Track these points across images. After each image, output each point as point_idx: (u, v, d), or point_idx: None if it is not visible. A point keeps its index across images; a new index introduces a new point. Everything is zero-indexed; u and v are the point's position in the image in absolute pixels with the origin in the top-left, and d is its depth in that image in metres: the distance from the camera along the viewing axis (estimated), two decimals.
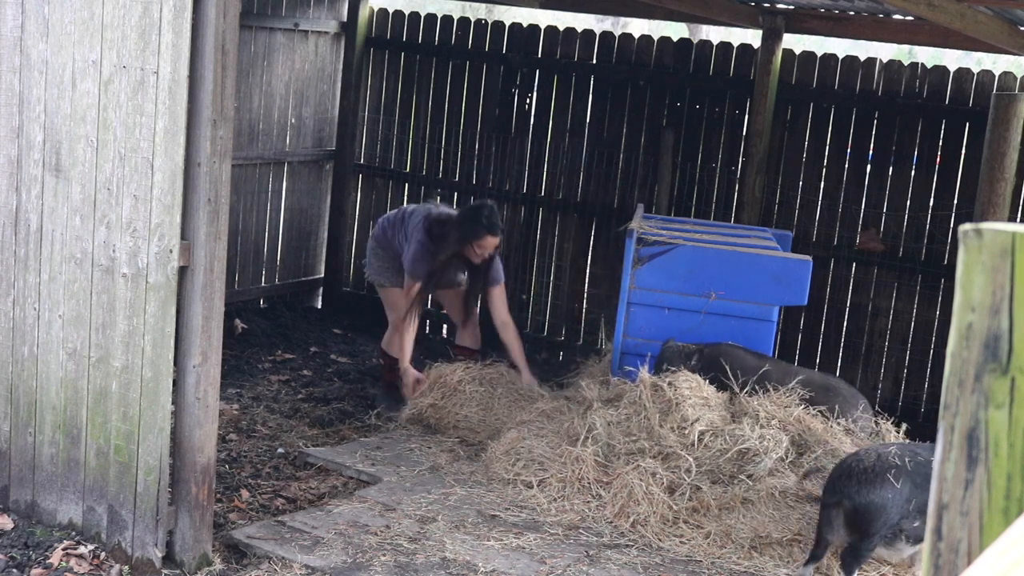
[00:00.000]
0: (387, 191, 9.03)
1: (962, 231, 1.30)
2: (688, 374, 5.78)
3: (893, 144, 7.38)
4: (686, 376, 5.73)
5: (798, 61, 7.60)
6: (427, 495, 5.54)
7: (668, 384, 5.66)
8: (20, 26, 4.71)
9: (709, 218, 7.71)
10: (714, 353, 5.96)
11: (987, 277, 1.28)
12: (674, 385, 5.65)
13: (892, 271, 7.41)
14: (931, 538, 1.34)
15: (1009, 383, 1.28)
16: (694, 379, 5.75)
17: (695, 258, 6.16)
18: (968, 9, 5.60)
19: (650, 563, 4.98)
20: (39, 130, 4.71)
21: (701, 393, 5.66)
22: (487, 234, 6.54)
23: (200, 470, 4.60)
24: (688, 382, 5.69)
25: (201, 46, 4.32)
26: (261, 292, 8.75)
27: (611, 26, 19.20)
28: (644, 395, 5.66)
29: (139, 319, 4.50)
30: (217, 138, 4.37)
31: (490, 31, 8.58)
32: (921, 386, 7.40)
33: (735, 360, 5.93)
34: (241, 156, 7.99)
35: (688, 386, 5.66)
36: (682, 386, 5.64)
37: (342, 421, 6.68)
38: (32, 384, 4.86)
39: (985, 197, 5.61)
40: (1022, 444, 1.29)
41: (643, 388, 5.70)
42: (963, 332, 1.30)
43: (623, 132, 8.13)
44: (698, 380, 5.76)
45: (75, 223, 4.64)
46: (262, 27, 8.32)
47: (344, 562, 4.76)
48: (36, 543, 4.72)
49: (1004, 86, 7.03)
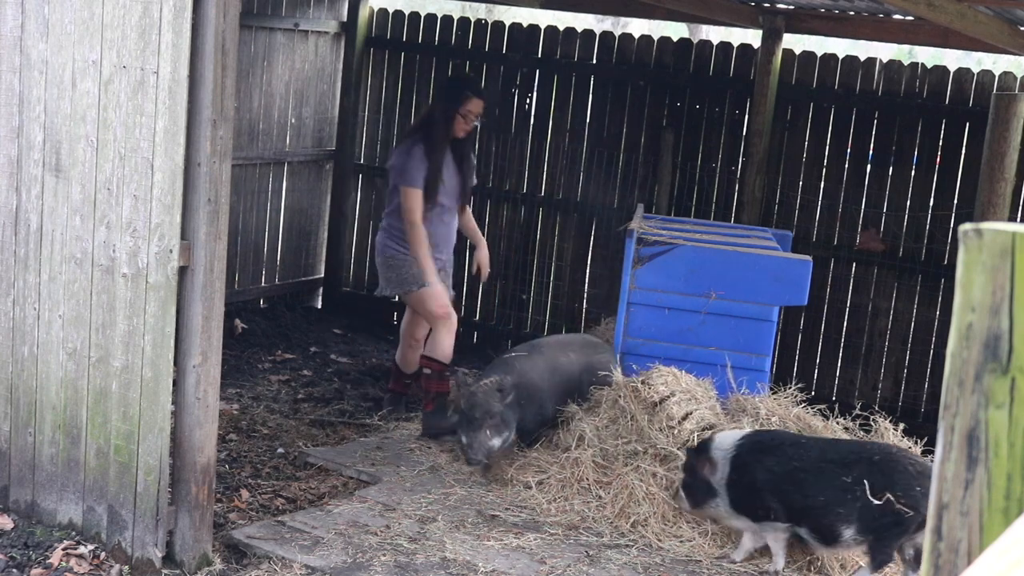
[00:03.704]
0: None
1: (962, 231, 1.30)
2: (663, 368, 5.73)
3: (893, 144, 7.38)
4: (660, 372, 5.70)
5: (798, 61, 7.60)
6: (427, 495, 5.54)
7: (642, 383, 5.63)
8: (20, 26, 4.71)
9: (709, 218, 7.71)
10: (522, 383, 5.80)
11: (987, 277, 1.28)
12: (648, 383, 5.62)
13: (892, 271, 7.41)
14: (931, 538, 1.34)
15: (1009, 383, 1.28)
16: (670, 372, 5.70)
17: (695, 258, 6.16)
18: (968, 9, 5.60)
19: (650, 563, 4.98)
20: (39, 130, 4.71)
21: (680, 386, 5.63)
22: (473, 96, 6.21)
23: (200, 470, 4.60)
24: (663, 377, 5.65)
25: (201, 46, 4.32)
26: (261, 292, 8.75)
27: (611, 26, 19.19)
28: (625, 398, 5.62)
29: (139, 319, 4.50)
30: (217, 138, 4.37)
31: (490, 31, 8.58)
32: (921, 386, 7.40)
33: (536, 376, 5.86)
34: (241, 156, 7.99)
35: (663, 382, 5.61)
36: (657, 383, 5.60)
37: (342, 421, 6.68)
38: (32, 384, 4.86)
39: (985, 197, 5.61)
40: (1022, 444, 1.29)
41: (622, 391, 5.66)
42: (963, 332, 1.30)
43: (623, 132, 8.13)
44: (675, 373, 5.70)
45: (75, 223, 4.64)
46: (262, 27, 8.32)
47: (344, 562, 4.76)
48: (36, 543, 4.72)
49: (1004, 86, 7.03)
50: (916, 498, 4.65)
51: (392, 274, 6.38)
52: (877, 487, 4.67)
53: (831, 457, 4.83)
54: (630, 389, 5.62)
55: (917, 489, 4.66)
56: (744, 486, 4.89)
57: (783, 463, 4.86)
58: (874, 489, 4.67)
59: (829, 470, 4.79)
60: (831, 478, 4.77)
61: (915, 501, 4.64)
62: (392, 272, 6.37)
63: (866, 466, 4.74)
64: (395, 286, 6.41)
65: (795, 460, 4.85)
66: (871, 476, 4.70)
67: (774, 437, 5.04)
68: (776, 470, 4.86)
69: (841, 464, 4.79)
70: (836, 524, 4.75)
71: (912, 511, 4.63)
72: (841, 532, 4.74)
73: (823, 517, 4.77)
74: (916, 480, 4.68)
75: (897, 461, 4.76)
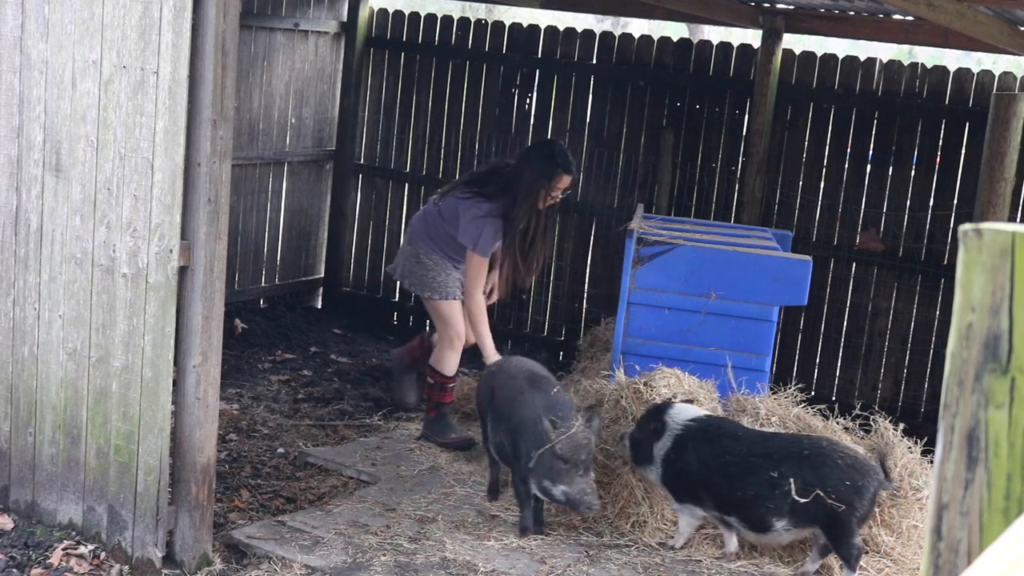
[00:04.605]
0: (387, 191, 9.03)
1: (962, 231, 1.30)
2: (666, 370, 5.72)
3: (893, 144, 7.38)
4: (663, 373, 5.70)
5: (798, 61, 7.60)
6: (427, 495, 5.54)
7: (645, 384, 5.63)
8: (20, 26, 4.71)
9: (709, 218, 7.71)
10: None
11: (987, 277, 1.28)
12: (651, 385, 5.61)
13: (892, 271, 7.41)
14: (931, 538, 1.34)
15: (1009, 383, 1.28)
16: (672, 375, 5.69)
17: (695, 258, 6.16)
18: (968, 9, 5.60)
19: (650, 563, 4.98)
20: (39, 130, 4.71)
21: (683, 388, 5.63)
22: (563, 173, 5.94)
23: (200, 470, 4.60)
24: (665, 379, 5.65)
25: (201, 46, 4.32)
26: (261, 292, 8.75)
27: (611, 26, 19.19)
28: (627, 398, 5.61)
29: (139, 319, 4.50)
30: (217, 138, 4.37)
31: (490, 31, 8.58)
32: (921, 386, 7.40)
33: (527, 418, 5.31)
34: (241, 156, 7.99)
35: (666, 384, 5.61)
36: (659, 385, 5.60)
37: (342, 421, 6.68)
38: (32, 384, 4.86)
39: (985, 197, 5.61)
40: (1022, 444, 1.29)
41: (623, 391, 5.65)
42: (963, 332, 1.30)
43: (623, 132, 8.13)
44: (678, 375, 5.70)
45: (75, 223, 4.64)
46: (262, 27, 8.32)
47: (344, 562, 4.76)
48: (36, 543, 4.72)
49: (1004, 86, 7.03)
50: (846, 493, 4.68)
51: (419, 271, 6.24)
52: (806, 482, 4.72)
53: (761, 452, 4.88)
54: (632, 390, 5.62)
55: (847, 483, 4.69)
56: (677, 468, 4.97)
57: (716, 456, 4.93)
58: (804, 484, 4.72)
59: (758, 464, 4.84)
60: (760, 473, 4.82)
61: (846, 496, 4.68)
62: (420, 270, 6.24)
63: (796, 461, 4.79)
64: (416, 284, 6.28)
65: (728, 454, 4.91)
66: (801, 471, 4.75)
67: (719, 427, 5.07)
68: (709, 462, 4.92)
69: (770, 459, 4.83)
70: (766, 516, 4.81)
71: (844, 505, 4.66)
72: (772, 523, 4.81)
73: (752, 509, 4.84)
74: (845, 474, 4.71)
75: (827, 456, 4.78)
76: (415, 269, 6.24)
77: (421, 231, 6.26)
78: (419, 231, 6.27)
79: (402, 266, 6.35)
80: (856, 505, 4.69)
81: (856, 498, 4.68)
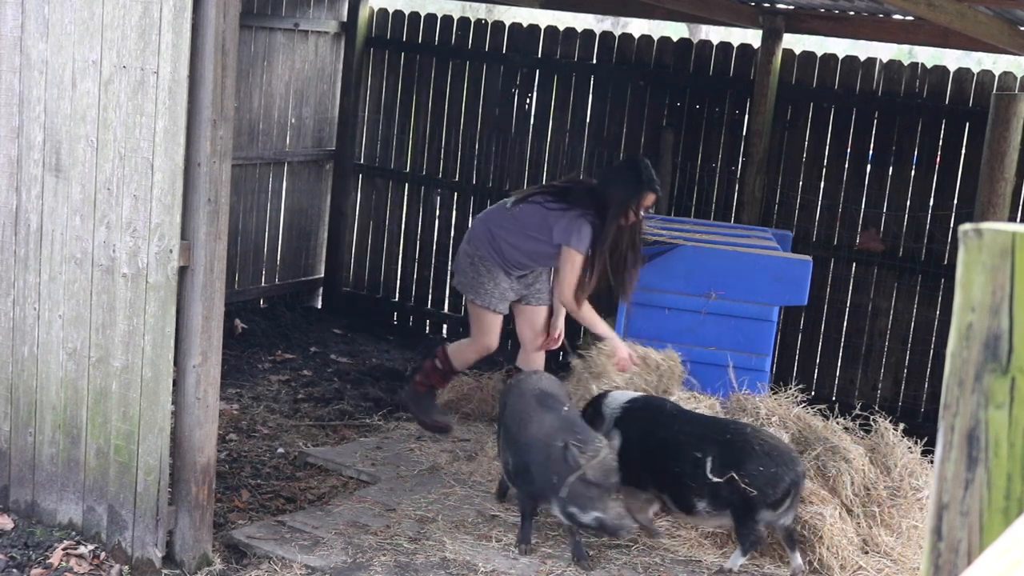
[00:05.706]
0: (387, 191, 9.04)
1: (962, 231, 1.30)
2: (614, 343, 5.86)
3: (893, 144, 7.38)
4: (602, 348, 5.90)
5: (798, 61, 7.60)
6: (427, 495, 5.54)
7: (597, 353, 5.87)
8: (20, 26, 4.71)
9: (709, 218, 7.71)
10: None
11: (987, 277, 1.28)
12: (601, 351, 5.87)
13: (892, 271, 7.41)
14: (931, 538, 1.34)
15: (1009, 383, 1.28)
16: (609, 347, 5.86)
17: (695, 258, 6.16)
18: (968, 9, 5.60)
19: (650, 563, 4.98)
20: (39, 130, 4.71)
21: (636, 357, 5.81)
22: (649, 192, 5.91)
23: (200, 470, 4.60)
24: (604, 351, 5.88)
25: (201, 46, 4.31)
26: (261, 292, 8.75)
27: (611, 26, 19.19)
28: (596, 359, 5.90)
29: (139, 319, 4.50)
30: (217, 138, 4.37)
31: (490, 31, 8.58)
32: (921, 386, 7.40)
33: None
34: (241, 156, 7.99)
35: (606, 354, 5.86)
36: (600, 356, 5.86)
37: (342, 421, 6.68)
38: (32, 384, 4.86)
39: (985, 197, 5.61)
40: (1022, 444, 1.29)
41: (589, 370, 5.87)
42: (963, 332, 1.30)
43: (623, 132, 8.13)
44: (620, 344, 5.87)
45: (75, 223, 4.64)
46: (262, 27, 8.32)
47: (344, 562, 4.76)
48: (36, 543, 4.72)
49: (1004, 86, 7.03)
50: (759, 479, 4.71)
51: (471, 273, 6.13)
52: (724, 465, 4.77)
53: (689, 431, 4.97)
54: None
55: (760, 470, 4.73)
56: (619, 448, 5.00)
57: (649, 432, 5.03)
58: (721, 467, 4.77)
59: (685, 443, 4.91)
60: (685, 452, 4.89)
61: (758, 482, 4.71)
62: (472, 271, 6.13)
63: (718, 444, 4.85)
64: (465, 285, 6.18)
65: (661, 430, 5.01)
66: (721, 454, 4.81)
67: (656, 406, 5.18)
68: (644, 438, 5.01)
69: (696, 439, 4.91)
70: (689, 496, 4.88)
71: (756, 491, 4.70)
72: (694, 503, 4.88)
73: (678, 488, 4.92)
74: (760, 461, 4.75)
75: (747, 441, 4.84)
76: (467, 270, 6.15)
77: (481, 233, 6.14)
78: (479, 233, 6.15)
79: (458, 264, 6.26)
80: (767, 492, 4.73)
81: (768, 486, 4.72)
